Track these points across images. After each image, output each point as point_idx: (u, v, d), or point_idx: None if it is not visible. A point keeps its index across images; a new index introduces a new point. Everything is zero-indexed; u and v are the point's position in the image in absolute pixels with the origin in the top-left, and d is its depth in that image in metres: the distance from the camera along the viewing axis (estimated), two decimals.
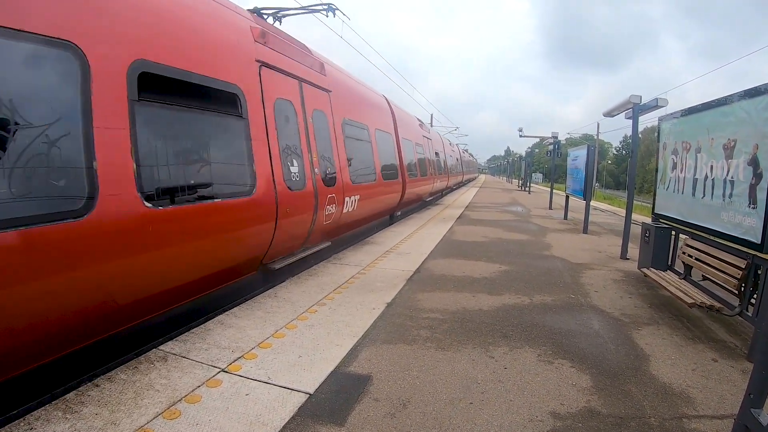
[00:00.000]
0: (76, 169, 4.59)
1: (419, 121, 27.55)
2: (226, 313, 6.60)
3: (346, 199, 11.62)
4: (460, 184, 54.36)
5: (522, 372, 5.14)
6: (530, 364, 5.33)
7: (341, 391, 4.57)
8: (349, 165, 12.13)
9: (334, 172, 10.97)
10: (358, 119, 13.63)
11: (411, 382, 4.82)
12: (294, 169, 8.88)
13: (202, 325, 6.10)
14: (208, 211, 6.43)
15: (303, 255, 9.60)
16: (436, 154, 30.77)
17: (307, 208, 9.38)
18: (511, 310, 7.26)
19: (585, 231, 16.58)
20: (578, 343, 6.01)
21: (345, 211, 11.62)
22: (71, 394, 4.26)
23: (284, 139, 8.64)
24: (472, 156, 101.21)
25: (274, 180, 7.91)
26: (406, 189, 18.81)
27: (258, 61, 8.08)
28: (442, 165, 33.46)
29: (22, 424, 3.76)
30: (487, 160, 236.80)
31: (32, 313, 4.32)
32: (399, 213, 19.69)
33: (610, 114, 12.84)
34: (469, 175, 73.78)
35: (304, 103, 9.81)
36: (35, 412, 3.96)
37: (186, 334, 5.81)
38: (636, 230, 12.03)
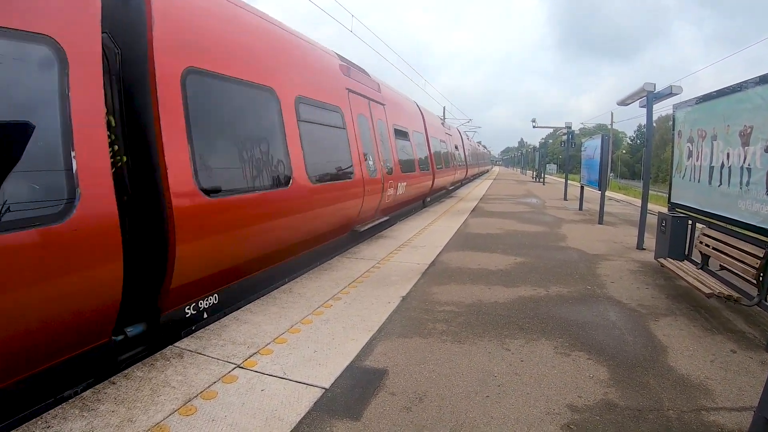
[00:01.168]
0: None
1: (442, 119, 33.09)
2: (242, 309, 6.63)
3: (399, 184, 15.50)
4: (476, 176, 56.00)
5: (539, 364, 5.11)
6: (547, 357, 5.31)
7: (357, 386, 4.57)
8: (399, 159, 16.00)
9: (391, 165, 14.82)
10: (402, 123, 17.52)
11: (427, 376, 4.81)
12: (370, 162, 12.62)
13: (217, 321, 6.13)
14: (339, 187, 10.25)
15: (376, 223, 13.25)
16: (456, 148, 34.54)
17: (378, 189, 13.09)
18: (527, 302, 7.23)
19: (600, 221, 16.45)
20: (595, 334, 5.97)
21: (398, 193, 15.49)
22: (88, 392, 4.28)
23: (364, 141, 12.30)
24: (485, 148, 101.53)
25: (361, 169, 11.65)
26: (436, 178, 22.64)
27: (347, 89, 11.63)
28: (461, 158, 37.33)
29: (40, 422, 3.78)
30: (501, 152, 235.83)
31: None
32: (429, 198, 23.42)
33: (623, 103, 12.75)
34: (484, 167, 75.43)
35: (372, 115, 13.58)
36: (52, 410, 3.98)
37: (202, 330, 5.84)
38: (652, 220, 11.93)
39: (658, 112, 17.02)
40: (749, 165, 6.53)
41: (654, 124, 12.56)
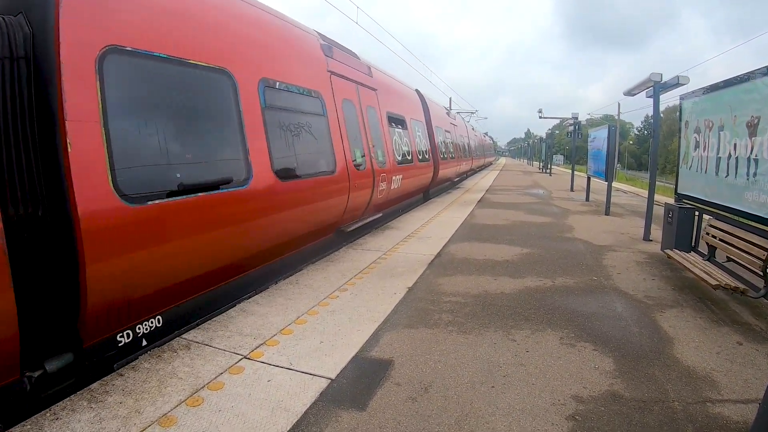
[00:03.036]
0: None
1: (446, 109, 32.05)
2: (248, 300, 6.66)
3: (394, 177, 14.27)
4: (482, 167, 55.52)
5: (544, 355, 5.12)
6: (552, 347, 5.32)
7: (363, 376, 4.60)
8: (394, 150, 14.80)
9: (384, 156, 13.62)
10: (397, 111, 16.30)
11: (432, 366, 4.83)
12: (358, 154, 11.46)
13: (224, 313, 6.15)
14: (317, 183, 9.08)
15: (364, 222, 11.99)
16: (461, 138, 33.41)
17: (368, 183, 11.90)
18: (533, 293, 7.24)
19: (607, 213, 16.42)
20: (601, 325, 5.98)
21: (392, 187, 14.23)
22: (95, 384, 4.32)
23: (350, 131, 11.14)
24: (492, 139, 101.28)
25: (346, 162, 10.44)
26: (439, 170, 21.70)
27: (329, 71, 10.49)
28: (467, 149, 36.26)
29: (48, 414, 3.82)
30: (507, 143, 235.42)
31: None
32: (432, 191, 22.25)
33: (630, 93, 12.68)
34: (490, 158, 74.96)
35: (360, 101, 12.37)
36: (60, 402, 4.01)
37: (209, 322, 5.88)
38: (659, 211, 11.89)
39: (665, 103, 16.92)
40: (756, 156, 6.50)
41: (661, 115, 12.52)
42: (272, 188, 7.37)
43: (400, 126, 16.29)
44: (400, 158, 15.35)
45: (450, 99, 45.18)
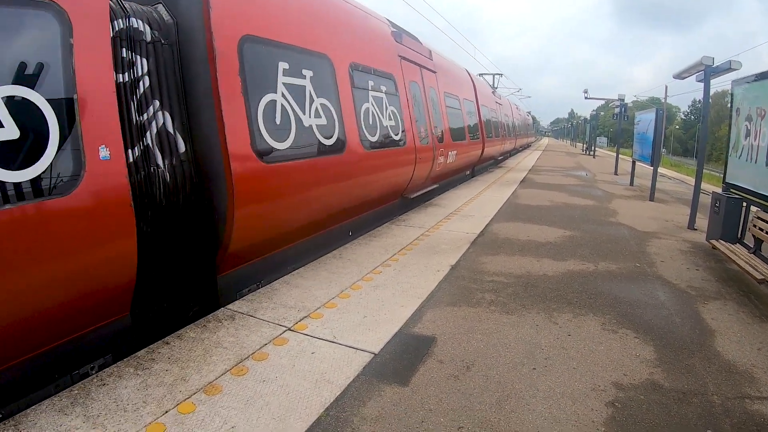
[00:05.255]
0: None
1: (492, 88, 33.43)
2: (292, 273, 6.82)
3: (449, 152, 15.57)
4: (524, 147, 55.57)
5: (586, 340, 5.16)
6: (594, 333, 5.35)
7: (405, 352, 4.70)
8: (450, 128, 15.99)
9: (442, 133, 14.93)
10: (453, 91, 17.50)
11: (475, 345, 4.91)
12: (422, 130, 12.75)
13: (268, 285, 6.31)
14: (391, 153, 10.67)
15: (424, 191, 13.36)
16: (506, 117, 34.44)
17: (429, 157, 13.10)
18: (575, 277, 7.25)
19: (651, 198, 16.12)
20: (643, 313, 5.96)
21: (448, 161, 15.53)
22: (142, 351, 4.50)
23: (416, 108, 12.47)
24: (535, 119, 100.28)
25: (413, 136, 11.82)
26: (486, 147, 22.65)
27: (399, 56, 11.79)
28: (511, 128, 37.43)
29: (95, 380, 3.99)
30: (550, 123, 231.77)
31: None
32: (477, 168, 23.15)
33: (680, 76, 12.41)
34: (532, 138, 74.34)
35: (424, 82, 13.62)
36: (108, 369, 4.18)
37: (253, 293, 6.03)
38: (705, 200, 11.71)
39: (714, 87, 16.55)
40: None
41: (710, 100, 12.25)
42: (361, 155, 8.92)
43: (454, 105, 17.48)
44: (454, 136, 16.50)
45: (494, 77, 44.52)
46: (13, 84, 3.63)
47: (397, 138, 10.80)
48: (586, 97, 37.00)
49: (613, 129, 72.56)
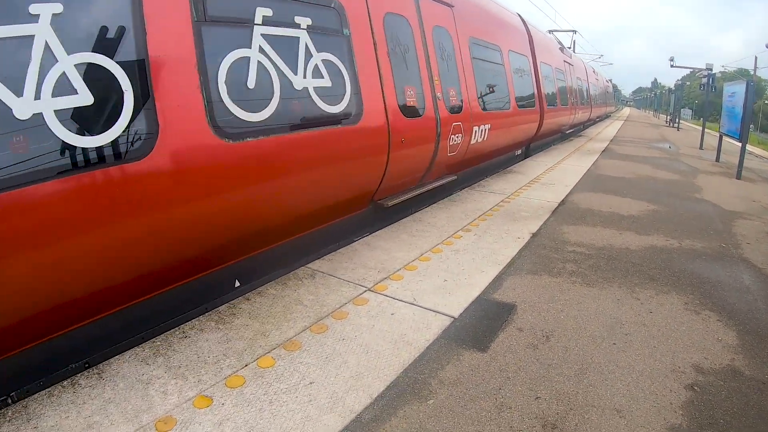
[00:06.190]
0: None
1: (560, 44, 25.15)
2: (372, 234, 6.83)
3: (475, 128, 10.41)
4: (604, 117, 50.95)
5: (667, 318, 4.92)
6: (676, 312, 5.10)
7: (485, 318, 4.62)
8: (478, 90, 10.84)
9: (460, 98, 9.81)
10: (487, 39, 12.09)
11: (555, 315, 4.78)
12: (411, 92, 7.86)
13: (348, 246, 6.33)
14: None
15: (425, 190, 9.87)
16: (579, 81, 28.15)
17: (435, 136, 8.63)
18: (658, 252, 6.94)
19: (738, 176, 15.13)
20: (727, 296, 5.63)
21: (473, 141, 10.45)
22: (223, 306, 4.59)
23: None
24: (616, 87, 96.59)
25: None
26: (544, 119, 17.24)
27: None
28: (585, 95, 30.84)
29: (177, 332, 4.11)
30: (632, 92, 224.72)
31: None
32: (532, 146, 18.00)
33: None
34: (612, 107, 69.89)
35: (422, 19, 8.52)
36: (189, 322, 4.29)
37: (333, 253, 6.06)
38: None
39: None
40: None
41: None
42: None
43: (490, 58, 12.31)
44: (487, 103, 11.46)
45: (572, 40, 41.94)
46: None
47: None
48: (672, 66, 35.59)
49: (699, 101, 69.66)
